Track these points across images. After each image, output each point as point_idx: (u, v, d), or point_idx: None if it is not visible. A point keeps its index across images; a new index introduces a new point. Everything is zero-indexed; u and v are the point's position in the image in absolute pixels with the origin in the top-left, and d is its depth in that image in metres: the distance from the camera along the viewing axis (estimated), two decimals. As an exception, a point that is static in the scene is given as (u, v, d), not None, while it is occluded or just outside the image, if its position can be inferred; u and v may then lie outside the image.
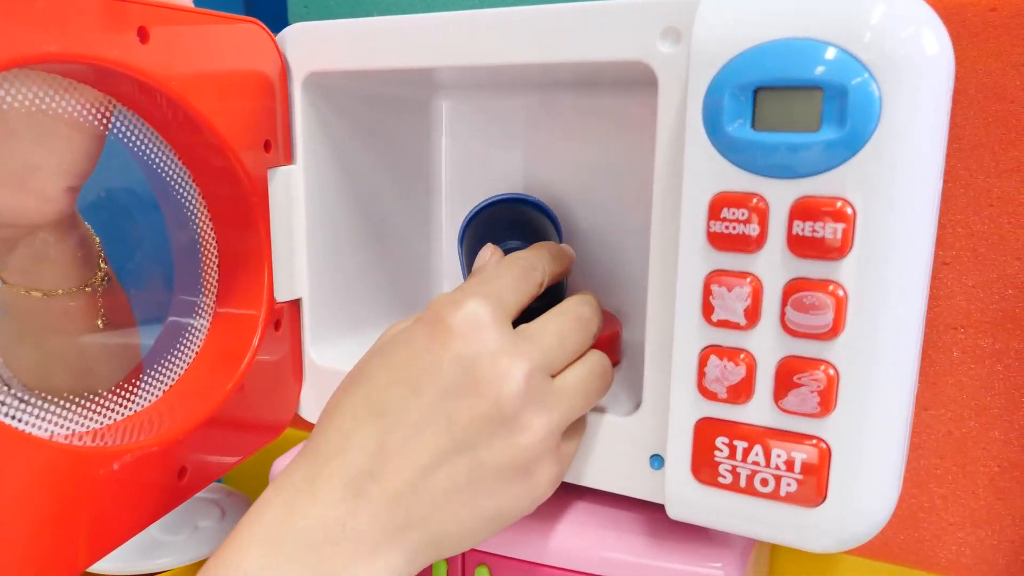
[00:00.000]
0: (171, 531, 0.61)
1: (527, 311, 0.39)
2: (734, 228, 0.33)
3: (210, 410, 0.42)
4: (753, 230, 0.33)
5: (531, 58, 0.40)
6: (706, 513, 0.37)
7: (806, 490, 0.34)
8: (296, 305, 0.48)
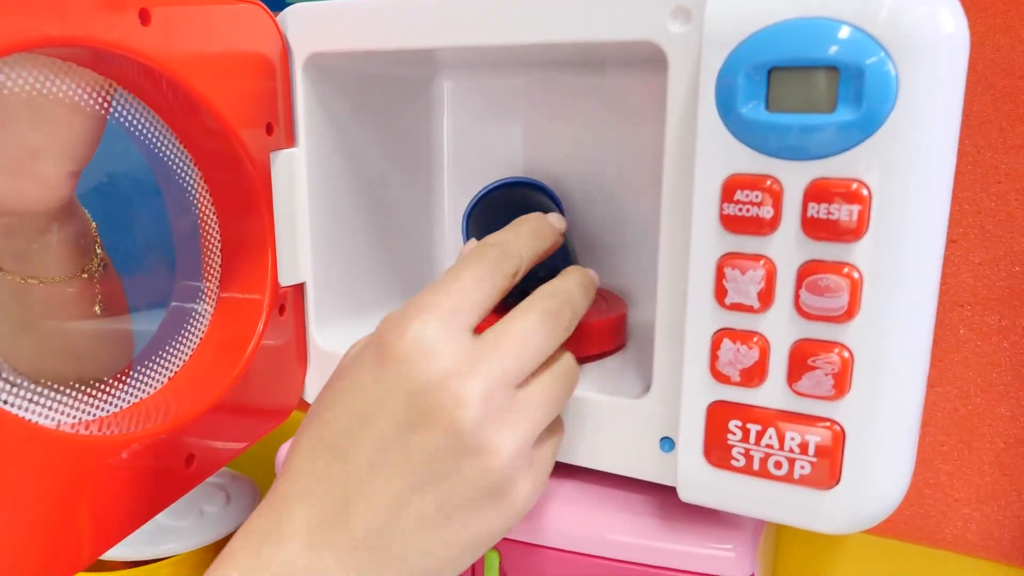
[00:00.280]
0: (177, 516, 0.61)
1: (521, 291, 0.37)
2: (748, 210, 0.33)
3: (216, 396, 0.41)
4: (767, 212, 0.32)
5: (536, 38, 0.39)
6: (719, 496, 0.37)
7: (820, 473, 0.34)
8: (300, 289, 0.48)
